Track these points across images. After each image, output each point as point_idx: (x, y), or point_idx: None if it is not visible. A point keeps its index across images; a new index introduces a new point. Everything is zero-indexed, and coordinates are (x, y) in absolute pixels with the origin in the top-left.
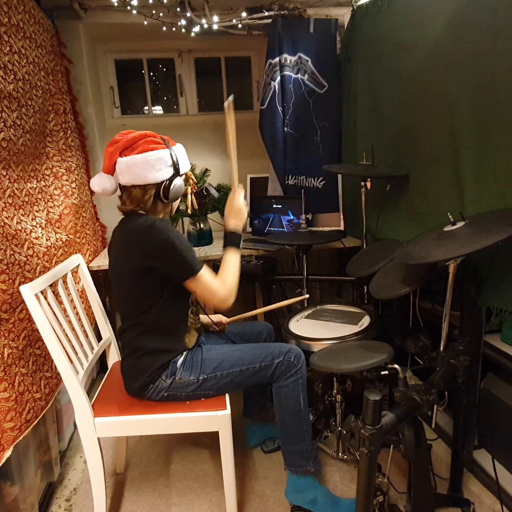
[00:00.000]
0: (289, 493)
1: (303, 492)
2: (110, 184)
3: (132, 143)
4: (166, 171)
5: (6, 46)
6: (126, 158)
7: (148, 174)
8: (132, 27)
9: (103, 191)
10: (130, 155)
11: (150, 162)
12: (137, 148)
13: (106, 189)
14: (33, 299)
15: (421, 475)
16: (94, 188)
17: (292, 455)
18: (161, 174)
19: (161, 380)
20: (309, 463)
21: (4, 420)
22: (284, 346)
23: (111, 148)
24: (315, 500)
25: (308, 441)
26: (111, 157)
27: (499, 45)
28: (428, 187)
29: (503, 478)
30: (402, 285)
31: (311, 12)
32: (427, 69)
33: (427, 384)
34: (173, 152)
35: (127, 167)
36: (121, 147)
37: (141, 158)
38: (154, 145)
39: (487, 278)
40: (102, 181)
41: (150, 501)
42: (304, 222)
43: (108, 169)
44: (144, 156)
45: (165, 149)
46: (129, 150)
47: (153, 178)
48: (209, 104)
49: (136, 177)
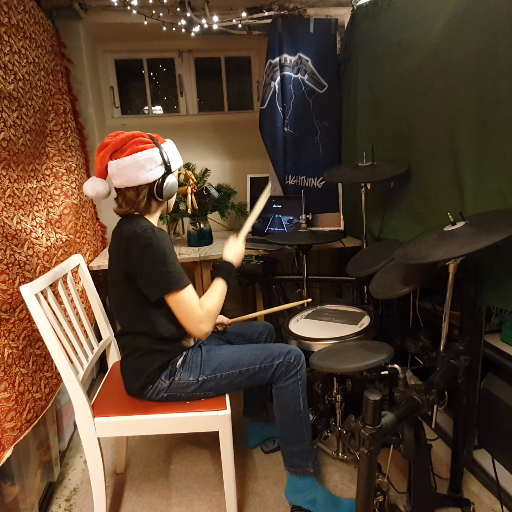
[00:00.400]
0: (289, 493)
1: (303, 493)
2: (103, 187)
3: (121, 145)
4: (157, 170)
5: (6, 46)
6: (116, 161)
7: (139, 175)
8: (132, 27)
9: (96, 194)
10: (120, 157)
11: (140, 163)
12: (126, 150)
13: (99, 192)
14: (33, 299)
15: (421, 475)
16: (87, 192)
17: (292, 456)
18: (152, 173)
19: (160, 380)
20: (308, 464)
21: (4, 420)
22: (284, 347)
23: (101, 152)
24: (315, 500)
25: (307, 442)
26: (102, 160)
27: (499, 45)
28: (428, 187)
29: (503, 478)
30: (402, 285)
31: (311, 12)
32: (427, 69)
33: (427, 384)
34: (162, 150)
35: (118, 170)
36: (110, 150)
37: (131, 160)
38: (142, 145)
39: (487, 278)
40: (95, 185)
41: (150, 501)
42: (304, 222)
43: (100, 173)
44: (134, 158)
45: (154, 148)
46: (119, 153)
47: (145, 178)
48: (209, 104)
49: (128, 179)
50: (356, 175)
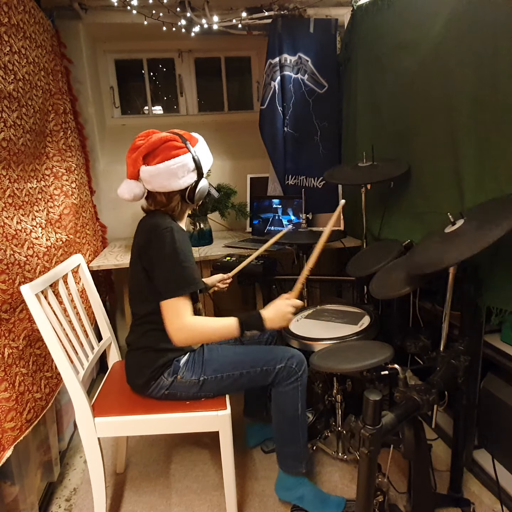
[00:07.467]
0: (279, 489)
1: (291, 490)
2: (139, 189)
3: (153, 148)
4: (189, 177)
5: (6, 46)
6: (149, 168)
7: (171, 182)
8: (132, 27)
9: (134, 197)
10: (152, 163)
11: (172, 171)
12: (159, 155)
13: (136, 194)
14: (34, 299)
15: (421, 475)
16: (124, 196)
17: (285, 456)
18: (184, 181)
19: (163, 377)
20: (301, 465)
21: (4, 420)
22: (287, 351)
23: (134, 154)
24: (303, 496)
25: (302, 444)
26: (135, 163)
27: (499, 45)
28: (428, 187)
29: (503, 478)
30: (402, 285)
31: (311, 12)
32: (427, 69)
33: (427, 384)
34: (195, 154)
35: (150, 177)
36: (142, 152)
37: (164, 168)
38: (175, 151)
39: (487, 278)
40: (131, 188)
41: (150, 501)
42: (304, 222)
43: (133, 175)
44: (167, 165)
45: (186, 153)
46: (151, 157)
47: (177, 185)
48: (209, 104)
49: (160, 186)
50: (356, 175)
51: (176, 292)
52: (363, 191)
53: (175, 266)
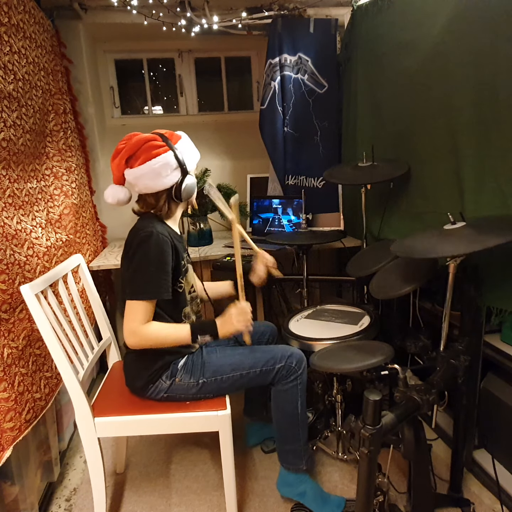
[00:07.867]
0: (280, 485)
1: (293, 486)
2: (123, 194)
3: (134, 150)
4: (173, 175)
5: (6, 46)
6: (132, 170)
7: (156, 182)
8: (132, 27)
9: (117, 202)
10: (135, 166)
11: (155, 170)
12: (140, 157)
13: (120, 199)
14: (33, 299)
15: (421, 475)
16: (108, 200)
17: (286, 454)
18: (169, 179)
19: (161, 380)
20: (302, 462)
21: (3, 420)
22: (286, 349)
23: (116, 159)
24: (305, 493)
25: (302, 442)
26: (118, 167)
27: (499, 45)
28: (428, 187)
29: (503, 478)
30: (402, 285)
31: (311, 12)
32: (427, 69)
33: (427, 384)
34: (177, 152)
35: (135, 179)
36: (124, 156)
37: (146, 168)
38: (156, 150)
39: (487, 278)
40: (115, 192)
41: (150, 501)
42: (304, 222)
43: (118, 180)
44: (149, 166)
45: (167, 152)
46: (134, 160)
47: (162, 185)
48: (209, 104)
49: (145, 187)
50: (356, 176)
51: (136, 296)
52: (363, 191)
53: (142, 271)
